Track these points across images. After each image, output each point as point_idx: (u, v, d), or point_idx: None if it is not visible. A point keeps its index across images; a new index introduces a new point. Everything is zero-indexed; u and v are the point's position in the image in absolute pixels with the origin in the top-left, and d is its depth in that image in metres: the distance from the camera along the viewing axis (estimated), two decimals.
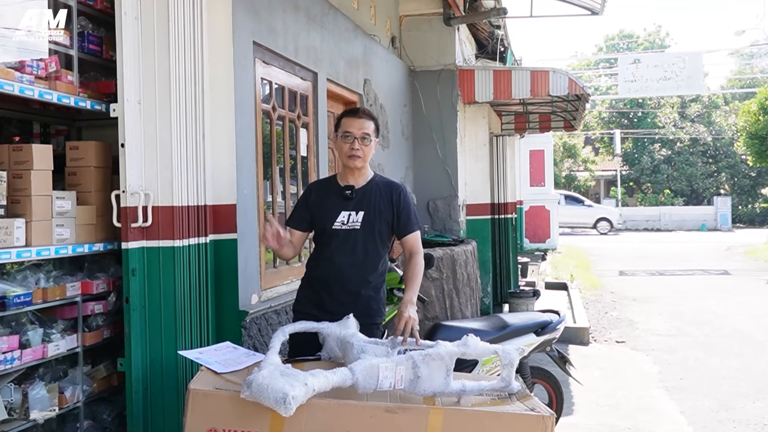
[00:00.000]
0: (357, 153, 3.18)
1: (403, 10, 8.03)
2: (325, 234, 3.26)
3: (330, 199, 3.27)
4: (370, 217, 3.22)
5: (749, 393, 5.89)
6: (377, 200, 3.26)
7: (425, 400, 2.51)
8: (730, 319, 9.30)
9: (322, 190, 3.36)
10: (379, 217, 3.24)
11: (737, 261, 16.81)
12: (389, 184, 3.35)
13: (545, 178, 18.87)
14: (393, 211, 3.27)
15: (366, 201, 3.24)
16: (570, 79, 8.08)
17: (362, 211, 3.23)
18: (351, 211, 3.23)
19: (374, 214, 3.23)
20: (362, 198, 3.25)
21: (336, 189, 3.29)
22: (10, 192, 2.95)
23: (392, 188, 3.32)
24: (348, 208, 3.23)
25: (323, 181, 3.52)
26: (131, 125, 3.17)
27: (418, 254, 3.31)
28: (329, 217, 3.23)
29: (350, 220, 3.22)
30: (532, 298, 8.58)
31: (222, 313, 3.50)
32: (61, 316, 3.25)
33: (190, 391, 2.46)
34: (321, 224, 3.27)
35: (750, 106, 20.79)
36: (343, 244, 3.21)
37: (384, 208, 3.25)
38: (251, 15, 4.12)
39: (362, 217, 3.22)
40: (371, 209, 3.23)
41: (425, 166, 8.07)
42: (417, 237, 3.34)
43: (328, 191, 3.31)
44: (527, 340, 4.28)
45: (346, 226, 3.21)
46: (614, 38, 43.11)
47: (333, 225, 3.22)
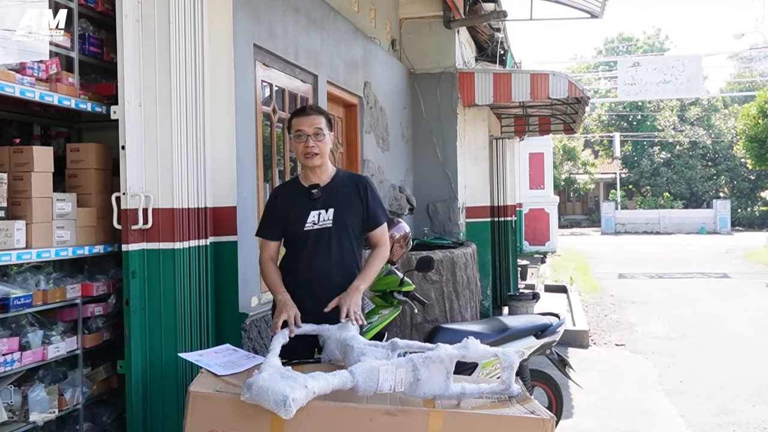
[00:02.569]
0: (313, 150, 3.13)
1: (403, 13, 8.05)
2: (297, 237, 3.20)
3: (296, 202, 3.22)
4: (340, 212, 3.19)
5: (749, 396, 5.89)
6: (345, 195, 3.22)
7: (425, 402, 2.51)
8: (729, 322, 9.31)
9: (287, 193, 3.29)
10: (350, 212, 3.21)
11: (736, 264, 16.81)
12: (354, 177, 3.34)
13: (545, 180, 18.93)
14: (362, 203, 3.24)
15: (334, 197, 3.20)
16: (569, 82, 8.09)
17: (332, 208, 3.18)
18: (320, 210, 3.18)
19: (345, 209, 3.20)
20: (329, 195, 3.20)
21: (301, 190, 3.24)
22: (10, 194, 2.95)
23: (358, 181, 3.30)
24: (317, 207, 3.18)
25: (286, 185, 3.41)
26: (132, 127, 3.17)
27: (383, 246, 3.31)
28: (299, 220, 3.18)
29: (321, 219, 3.17)
30: (532, 301, 8.59)
31: (222, 315, 3.50)
32: (61, 318, 3.25)
33: (190, 393, 2.45)
34: (291, 228, 3.21)
35: (749, 110, 20.85)
36: (318, 244, 3.17)
37: (353, 202, 3.22)
38: (251, 17, 4.13)
39: (333, 214, 3.18)
40: (341, 205, 3.20)
41: (425, 168, 8.08)
42: (385, 230, 3.33)
43: (293, 194, 3.26)
44: (527, 342, 4.28)
45: (317, 226, 3.17)
46: (614, 41, 43.18)
47: (304, 227, 3.17)
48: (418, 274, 5.27)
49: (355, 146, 6.28)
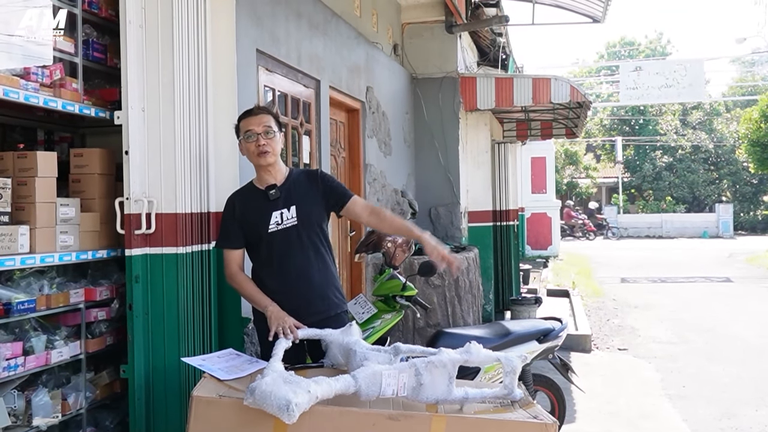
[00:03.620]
0: (265, 148, 3.11)
1: (405, 18, 8.07)
2: (262, 241, 3.16)
3: (255, 205, 3.19)
4: (303, 208, 3.17)
5: (752, 400, 5.88)
6: (304, 189, 3.21)
7: (428, 407, 2.51)
8: (732, 327, 9.29)
9: (244, 199, 3.24)
10: (312, 205, 3.20)
11: (739, 268, 16.79)
12: (308, 171, 3.39)
13: (547, 185, 18.93)
14: (321, 192, 3.23)
15: (293, 194, 3.19)
16: (571, 87, 8.10)
17: (293, 205, 3.16)
18: (282, 210, 3.16)
19: (306, 203, 3.18)
20: (288, 193, 3.19)
21: (258, 194, 3.21)
22: (14, 199, 2.96)
23: (310, 174, 3.34)
24: (278, 208, 3.16)
25: (241, 191, 3.32)
26: (135, 132, 3.18)
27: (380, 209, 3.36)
28: (262, 223, 3.15)
29: (284, 218, 3.15)
30: (534, 306, 8.59)
31: (225, 319, 3.50)
32: (64, 322, 3.25)
33: (193, 398, 2.46)
34: (255, 233, 3.17)
35: (751, 114, 20.82)
36: (287, 244, 3.14)
37: (312, 195, 3.21)
38: (254, 23, 4.14)
39: (295, 211, 3.16)
40: (302, 200, 3.18)
41: (427, 173, 8.09)
42: (360, 198, 3.33)
43: (250, 198, 3.22)
44: (529, 347, 4.28)
45: (282, 226, 3.14)
46: (615, 45, 43.16)
47: (268, 229, 3.14)
48: (421, 279, 5.27)
49: (357, 151, 6.29)
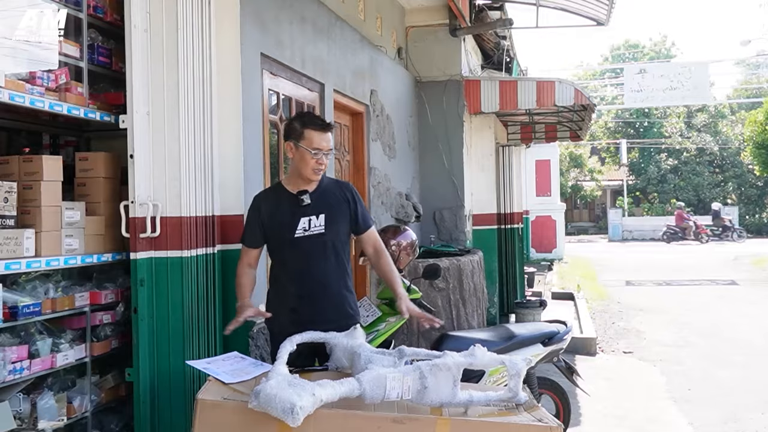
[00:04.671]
0: (323, 167, 3.15)
1: (409, 22, 8.08)
2: (286, 245, 3.17)
3: (284, 209, 3.19)
4: (332, 217, 3.18)
5: (758, 404, 5.85)
6: (334, 200, 3.22)
7: (432, 410, 2.51)
8: (737, 330, 9.25)
9: (271, 201, 3.25)
10: (340, 217, 3.21)
11: (745, 271, 16.72)
12: (339, 183, 3.38)
13: (551, 188, 18.93)
14: (350, 208, 3.24)
15: (324, 202, 3.19)
16: (576, 90, 8.10)
17: (323, 213, 3.17)
18: (311, 216, 3.16)
19: (335, 214, 3.19)
20: (319, 200, 3.18)
21: (287, 196, 3.21)
22: (20, 203, 2.97)
23: (343, 186, 3.32)
24: (307, 214, 3.16)
25: (269, 192, 3.38)
26: (140, 136, 3.20)
27: (384, 249, 3.36)
28: (288, 227, 3.15)
29: (312, 225, 3.15)
30: (539, 309, 8.58)
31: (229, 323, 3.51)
32: (69, 326, 3.27)
33: (198, 401, 2.46)
34: (280, 236, 3.18)
35: (756, 116, 20.78)
36: (311, 251, 3.15)
37: (342, 207, 3.23)
38: (259, 27, 4.15)
39: (324, 219, 3.16)
40: (331, 210, 3.19)
41: (431, 176, 8.09)
42: (375, 231, 3.38)
43: (279, 201, 3.22)
44: (534, 350, 4.28)
45: (308, 232, 3.15)
46: (620, 48, 43.12)
47: (295, 234, 3.14)
48: (425, 282, 5.26)
49: (361, 154, 6.29)
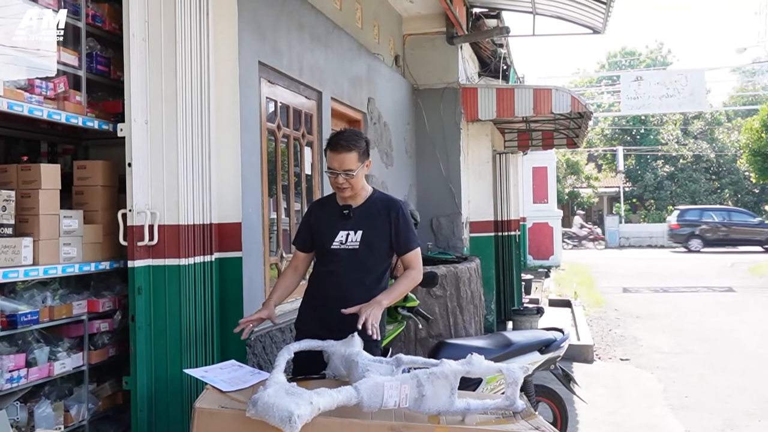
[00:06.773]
0: (343, 185, 3.17)
1: (406, 29, 8.11)
2: (324, 253, 3.27)
3: (329, 219, 3.28)
4: (368, 235, 3.21)
5: (755, 411, 5.86)
6: (376, 218, 3.24)
7: (430, 418, 2.51)
8: (734, 336, 9.27)
9: (322, 209, 3.38)
10: (378, 236, 3.23)
11: (741, 278, 16.74)
12: (388, 202, 3.32)
13: (548, 195, 18.95)
14: (392, 229, 3.24)
15: (364, 220, 3.23)
16: (572, 97, 8.12)
17: (360, 230, 3.21)
18: (349, 231, 3.22)
19: (373, 232, 3.22)
20: (360, 217, 3.23)
21: (334, 208, 3.29)
22: (18, 211, 2.98)
23: (390, 206, 3.29)
24: (346, 228, 3.22)
25: (323, 201, 3.52)
26: (138, 145, 3.20)
27: (415, 270, 3.32)
28: (328, 237, 3.23)
29: (349, 239, 3.21)
30: (536, 316, 8.58)
31: (227, 331, 3.50)
32: (67, 334, 3.26)
33: (195, 409, 2.46)
34: (320, 243, 3.28)
35: (752, 123, 20.87)
36: (344, 263, 3.20)
37: (383, 226, 3.24)
38: (256, 35, 4.17)
39: (361, 236, 3.21)
40: (370, 228, 3.22)
41: (429, 183, 8.10)
42: (417, 254, 3.33)
43: (327, 210, 3.32)
44: (531, 358, 4.27)
45: (344, 246, 3.21)
46: (616, 55, 43.27)
47: (332, 245, 3.22)
48: (422, 290, 5.27)
49: None
